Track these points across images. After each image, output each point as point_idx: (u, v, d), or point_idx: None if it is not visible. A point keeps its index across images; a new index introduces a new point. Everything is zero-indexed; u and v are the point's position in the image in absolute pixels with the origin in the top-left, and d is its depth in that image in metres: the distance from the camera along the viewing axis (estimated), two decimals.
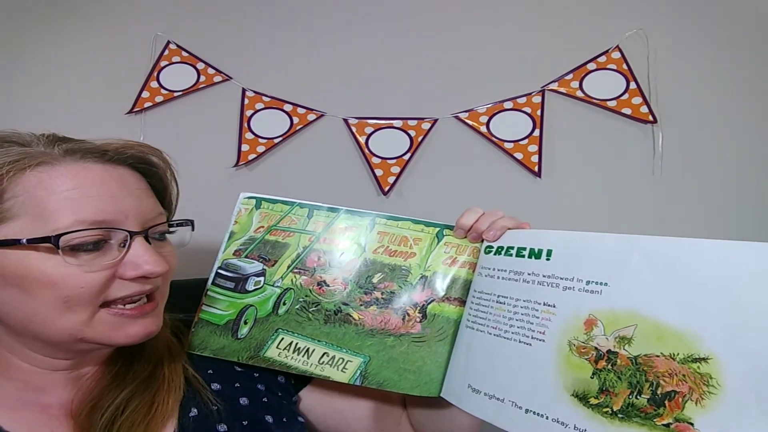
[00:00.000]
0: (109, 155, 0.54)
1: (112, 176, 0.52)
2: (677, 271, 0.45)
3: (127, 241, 0.51)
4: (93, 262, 0.49)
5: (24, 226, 0.47)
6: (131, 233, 0.51)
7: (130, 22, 1.31)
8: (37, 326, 0.49)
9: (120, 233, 0.51)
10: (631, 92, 1.14)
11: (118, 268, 0.51)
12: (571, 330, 0.50)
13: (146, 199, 0.55)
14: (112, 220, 0.50)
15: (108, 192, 0.51)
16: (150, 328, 0.54)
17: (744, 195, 1.09)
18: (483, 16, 1.23)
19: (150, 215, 0.54)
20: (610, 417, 0.45)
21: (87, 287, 0.48)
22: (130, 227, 0.51)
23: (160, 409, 0.54)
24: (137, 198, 0.53)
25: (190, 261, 0.80)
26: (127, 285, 0.51)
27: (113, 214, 0.50)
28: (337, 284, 0.64)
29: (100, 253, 0.50)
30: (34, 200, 0.48)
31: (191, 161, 1.24)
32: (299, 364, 0.61)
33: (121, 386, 0.55)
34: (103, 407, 0.52)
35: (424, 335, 0.62)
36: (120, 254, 0.51)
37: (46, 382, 0.54)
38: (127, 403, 0.53)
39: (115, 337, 0.52)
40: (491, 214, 0.63)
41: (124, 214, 0.51)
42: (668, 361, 0.44)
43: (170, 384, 0.57)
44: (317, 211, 0.67)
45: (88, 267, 0.49)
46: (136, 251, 0.51)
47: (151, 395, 0.55)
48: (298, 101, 1.24)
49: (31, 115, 1.26)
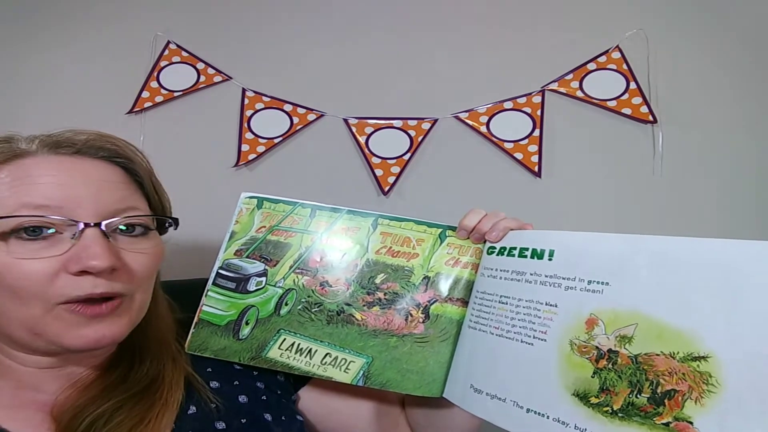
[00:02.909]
0: (77, 147, 0.52)
1: (74, 166, 0.51)
2: (677, 270, 0.46)
3: (77, 233, 0.48)
4: (38, 251, 0.47)
5: None
6: (84, 224, 0.48)
7: (130, 22, 1.31)
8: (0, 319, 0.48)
9: (71, 224, 0.48)
10: (631, 92, 1.14)
11: (65, 262, 0.47)
12: (572, 329, 0.50)
13: (110, 192, 0.52)
14: (60, 207, 0.48)
15: (60, 180, 0.49)
16: (104, 333, 0.49)
17: (744, 195, 1.09)
18: (483, 16, 1.23)
19: (112, 207, 0.51)
20: (611, 416, 0.45)
21: (31, 278, 0.46)
22: (83, 218, 0.48)
23: (150, 425, 0.51)
24: (97, 188, 0.51)
25: (189, 261, 0.80)
26: (76, 282, 0.47)
27: (61, 201, 0.48)
28: (339, 285, 0.64)
29: (48, 243, 0.47)
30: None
31: (191, 161, 1.25)
32: (302, 364, 0.62)
33: (108, 396, 0.52)
34: (83, 416, 0.49)
35: (426, 336, 0.62)
36: (69, 246, 0.48)
37: (39, 380, 0.53)
38: (112, 414, 0.50)
39: (67, 338, 0.48)
40: (494, 215, 0.63)
41: (76, 202, 0.49)
42: (668, 360, 0.44)
43: (168, 399, 0.54)
44: (319, 211, 0.67)
45: (32, 256, 0.46)
46: (83, 243, 0.48)
47: (143, 409, 0.52)
48: (298, 101, 1.24)
49: (32, 115, 1.26)
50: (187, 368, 0.60)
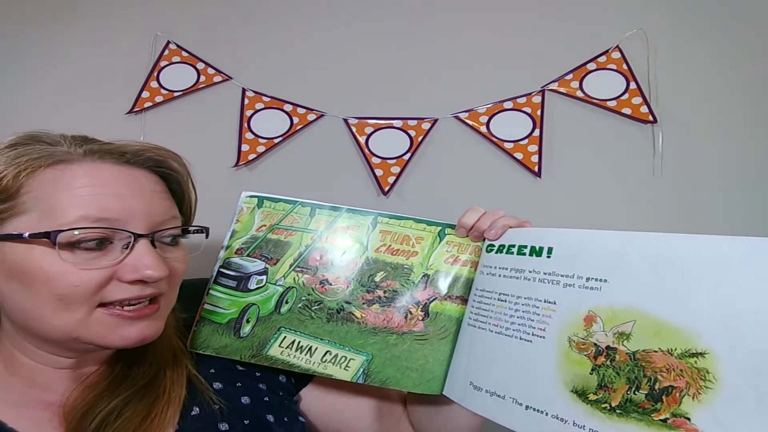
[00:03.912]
0: (127, 156, 0.54)
1: (126, 177, 0.52)
2: (675, 266, 0.46)
3: (131, 243, 0.50)
4: (93, 261, 0.49)
5: (33, 221, 0.48)
6: (135, 235, 0.50)
7: (130, 22, 1.31)
8: (33, 322, 0.49)
9: (123, 234, 0.50)
10: (631, 92, 1.14)
11: (117, 270, 0.50)
12: (571, 326, 0.51)
13: (158, 202, 0.54)
14: (117, 219, 0.50)
15: (117, 191, 0.51)
16: (146, 332, 0.52)
17: (744, 195, 1.09)
18: (483, 16, 1.23)
19: (160, 218, 0.54)
20: (609, 413, 0.46)
21: (82, 286, 0.48)
22: (136, 229, 0.51)
23: (156, 419, 0.53)
24: (148, 200, 0.53)
25: (190, 261, 0.80)
26: (125, 288, 0.50)
27: (119, 213, 0.50)
28: (339, 283, 0.65)
29: (101, 253, 0.49)
30: (46, 196, 0.48)
31: (191, 161, 1.24)
32: (302, 362, 0.62)
33: (116, 392, 0.54)
34: (94, 413, 0.51)
35: (426, 333, 0.62)
36: (122, 255, 0.50)
37: (51, 379, 0.54)
38: (121, 410, 0.52)
39: (110, 339, 0.51)
40: (493, 213, 0.63)
41: (131, 214, 0.51)
42: (666, 357, 0.44)
43: (171, 394, 0.56)
44: (319, 209, 0.67)
45: (86, 265, 0.48)
46: (137, 254, 0.50)
47: (148, 404, 0.54)
48: (298, 101, 1.24)
49: (32, 115, 1.27)
50: (189, 367, 0.60)
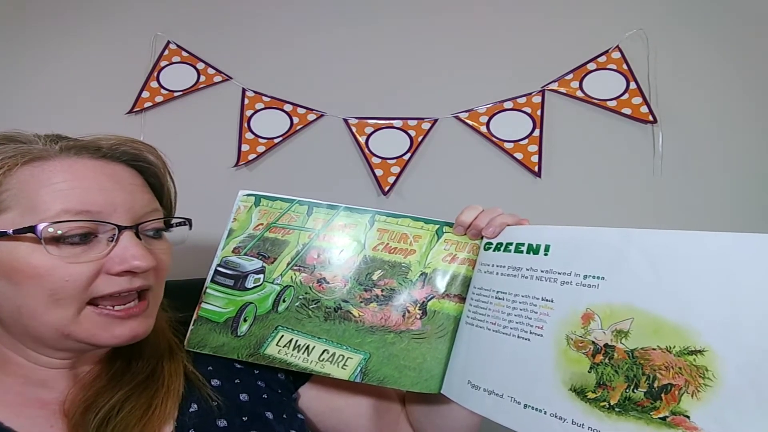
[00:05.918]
0: (103, 151, 0.54)
1: (104, 171, 0.53)
2: (673, 264, 0.46)
3: (116, 236, 0.51)
4: (79, 255, 0.49)
5: (15, 217, 0.48)
6: (120, 227, 0.51)
7: (130, 22, 1.31)
8: (25, 320, 0.49)
9: (108, 227, 0.50)
10: (631, 92, 1.14)
11: (105, 263, 0.50)
12: (568, 324, 0.50)
13: (139, 195, 0.55)
14: (100, 212, 0.50)
15: (97, 185, 0.51)
16: (137, 330, 0.53)
17: (744, 195, 1.09)
18: (483, 16, 1.23)
19: (142, 211, 0.54)
20: (608, 411, 0.45)
21: (72, 280, 0.48)
22: (120, 221, 0.51)
23: (157, 411, 0.54)
24: (129, 193, 0.53)
25: (188, 260, 0.80)
26: (114, 281, 0.51)
27: (101, 206, 0.50)
28: (336, 281, 0.64)
29: (87, 247, 0.50)
30: (26, 192, 0.48)
31: (191, 161, 1.25)
32: (299, 361, 0.62)
33: (117, 387, 0.54)
34: (97, 408, 0.51)
35: (424, 332, 0.62)
36: (108, 248, 0.50)
37: (47, 378, 0.54)
38: (123, 404, 0.53)
39: (102, 337, 0.51)
40: (490, 211, 0.63)
41: (113, 207, 0.51)
42: (665, 354, 0.44)
43: (169, 387, 0.56)
44: (316, 208, 0.67)
45: (74, 259, 0.48)
46: (123, 245, 0.51)
47: (148, 397, 0.54)
48: (298, 101, 1.24)
49: (31, 115, 1.27)
50: (187, 363, 0.60)
